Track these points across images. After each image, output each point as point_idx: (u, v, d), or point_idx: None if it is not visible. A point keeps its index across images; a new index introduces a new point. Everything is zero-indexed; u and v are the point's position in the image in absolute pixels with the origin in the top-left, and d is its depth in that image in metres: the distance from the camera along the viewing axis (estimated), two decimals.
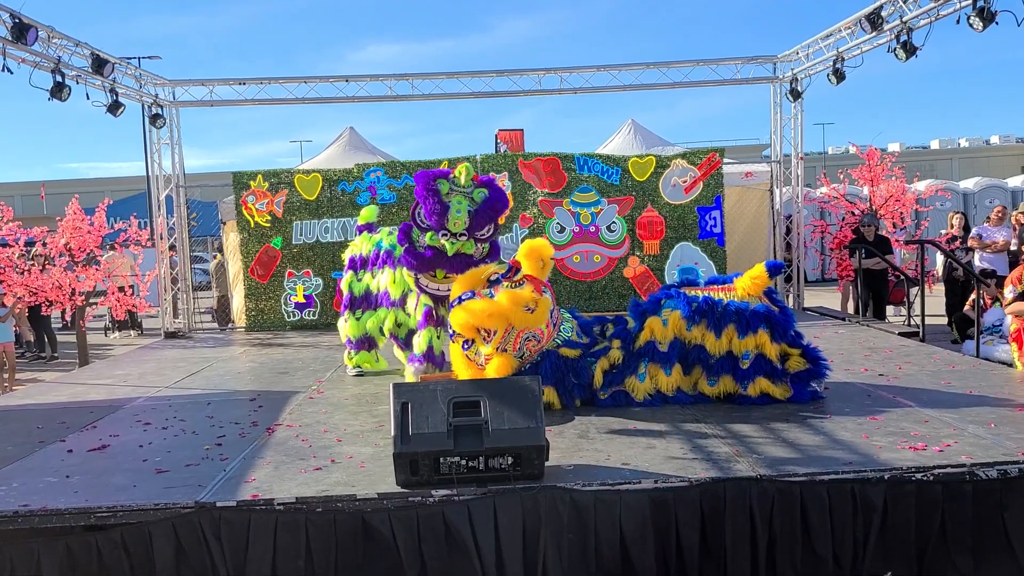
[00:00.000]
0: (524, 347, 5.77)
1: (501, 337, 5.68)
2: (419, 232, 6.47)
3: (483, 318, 5.65)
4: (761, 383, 5.74)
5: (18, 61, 8.46)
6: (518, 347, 5.74)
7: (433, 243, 6.36)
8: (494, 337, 5.69)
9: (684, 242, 11.69)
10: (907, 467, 4.23)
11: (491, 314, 5.62)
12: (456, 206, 6.28)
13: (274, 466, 4.69)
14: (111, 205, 12.09)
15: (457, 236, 6.28)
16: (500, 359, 5.67)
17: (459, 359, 5.93)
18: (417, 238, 6.49)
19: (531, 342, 5.78)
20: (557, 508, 4.08)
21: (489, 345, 5.72)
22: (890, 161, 13.41)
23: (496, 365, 5.65)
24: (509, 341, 5.69)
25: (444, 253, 6.33)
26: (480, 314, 5.65)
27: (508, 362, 5.68)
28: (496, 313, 5.61)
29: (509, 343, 5.69)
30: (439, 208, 6.27)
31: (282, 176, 11.77)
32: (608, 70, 11.90)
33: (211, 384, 7.61)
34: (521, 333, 5.70)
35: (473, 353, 5.82)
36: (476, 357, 5.80)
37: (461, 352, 5.89)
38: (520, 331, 5.68)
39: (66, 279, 10.83)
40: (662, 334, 5.84)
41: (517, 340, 5.71)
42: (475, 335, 5.78)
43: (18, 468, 4.87)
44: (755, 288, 5.90)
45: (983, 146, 49.20)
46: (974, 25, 7.58)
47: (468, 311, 5.70)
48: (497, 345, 5.69)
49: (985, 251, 10.96)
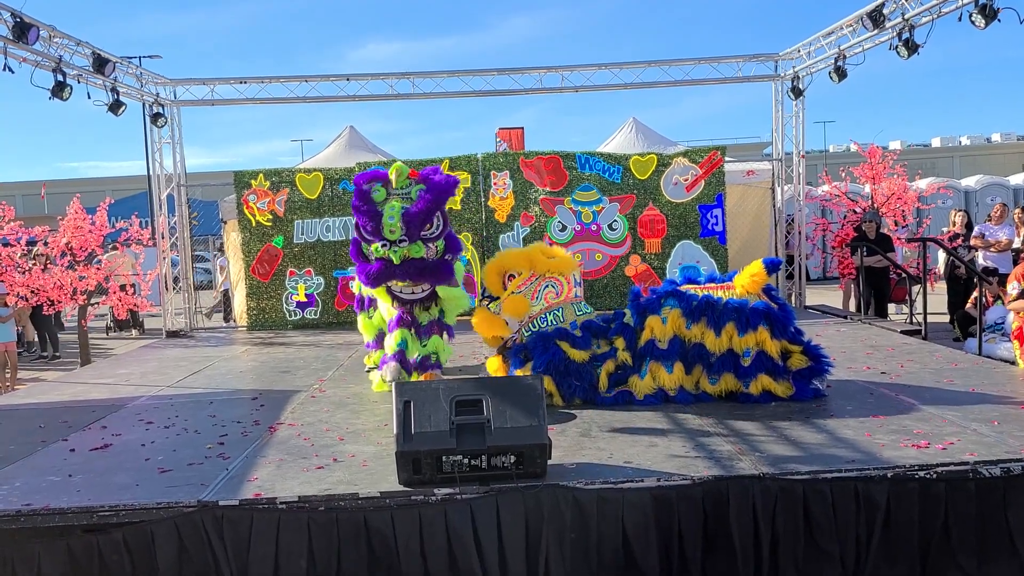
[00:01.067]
0: (543, 295, 6.07)
1: (521, 283, 6.07)
2: (366, 246, 6.24)
3: (509, 258, 6.31)
4: (763, 380, 5.73)
5: (19, 60, 8.47)
6: (537, 294, 6.07)
7: (380, 254, 6.11)
8: (516, 279, 6.12)
9: (686, 240, 11.68)
10: (910, 465, 4.22)
11: (516, 254, 6.39)
12: (388, 211, 6.00)
13: (276, 465, 4.69)
14: (112, 204, 12.09)
15: (397, 243, 6.03)
16: (516, 298, 6.06)
17: (481, 315, 6.25)
18: (367, 251, 6.26)
19: (549, 291, 6.10)
20: (559, 507, 4.08)
21: (507, 289, 6.13)
22: (891, 159, 13.39)
23: (512, 303, 6.06)
24: (530, 288, 6.07)
25: (391, 263, 6.09)
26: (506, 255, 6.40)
27: (523, 302, 6.05)
28: (520, 253, 6.38)
29: (530, 290, 6.06)
30: (374, 217, 6.03)
31: (283, 175, 11.77)
32: (609, 68, 11.90)
33: (213, 383, 7.62)
34: (542, 282, 6.09)
35: (494, 306, 6.17)
36: (495, 308, 6.16)
37: (485, 311, 6.24)
38: (541, 280, 6.10)
39: (67, 278, 10.83)
40: (662, 332, 5.84)
41: (537, 288, 6.08)
42: (500, 289, 6.22)
43: (21, 467, 4.87)
44: (754, 285, 5.90)
45: (984, 144, 49.12)
46: (976, 22, 7.58)
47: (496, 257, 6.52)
48: (517, 287, 6.08)
49: (989, 250, 10.94)
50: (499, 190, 11.65)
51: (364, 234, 6.21)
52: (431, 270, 6.28)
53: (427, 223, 6.15)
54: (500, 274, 6.27)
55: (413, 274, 6.18)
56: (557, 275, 6.16)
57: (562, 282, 6.15)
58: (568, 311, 6.10)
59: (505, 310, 6.09)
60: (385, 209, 6.04)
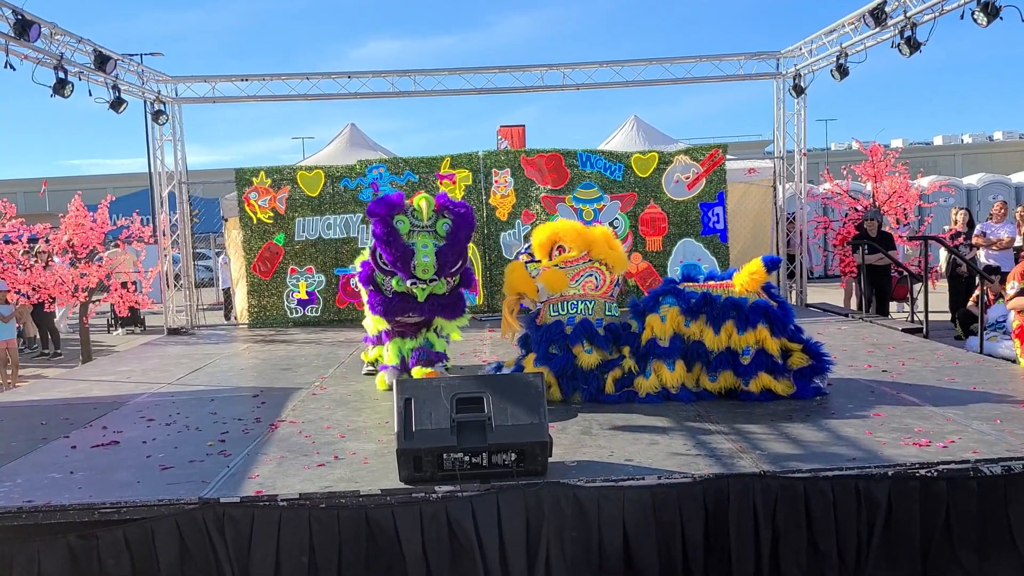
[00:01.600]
0: (583, 282, 5.97)
1: (567, 260, 5.98)
2: (383, 276, 5.98)
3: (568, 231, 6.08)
4: (763, 379, 5.73)
5: (21, 58, 8.46)
6: (579, 277, 5.98)
7: (401, 288, 5.91)
8: (565, 254, 6.02)
9: (687, 238, 11.68)
10: (911, 463, 4.22)
11: (578, 231, 6.09)
12: (422, 250, 5.77)
13: (277, 462, 4.69)
14: (113, 202, 12.11)
15: (428, 282, 5.88)
16: (556, 272, 5.97)
17: (516, 269, 6.12)
18: (382, 281, 6.01)
19: (590, 280, 6.00)
20: (560, 504, 4.08)
21: (554, 259, 6.03)
22: (893, 157, 13.38)
23: (551, 275, 5.98)
24: (574, 269, 5.98)
25: (414, 298, 5.94)
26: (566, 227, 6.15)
27: (562, 277, 5.96)
28: (582, 232, 6.09)
29: (574, 270, 5.98)
30: (403, 253, 5.76)
31: (284, 172, 11.77)
32: (611, 66, 11.88)
33: (214, 380, 7.62)
34: (587, 268, 5.99)
35: (533, 268, 6.08)
36: (533, 271, 6.06)
37: (521, 265, 6.12)
38: (587, 266, 6.00)
39: (69, 275, 10.84)
40: (662, 330, 5.85)
41: (580, 272, 5.98)
42: (545, 254, 6.09)
43: (22, 464, 4.87)
44: (753, 283, 5.90)
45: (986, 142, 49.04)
46: (978, 20, 7.56)
47: (554, 223, 6.28)
48: (563, 263, 5.98)
49: (990, 248, 10.93)
50: (500, 188, 11.64)
51: (385, 265, 5.91)
52: (449, 306, 6.12)
53: (459, 260, 6.03)
54: (552, 242, 6.11)
55: (433, 311, 6.02)
56: (606, 268, 6.09)
57: (607, 277, 6.09)
58: (599, 307, 6.05)
59: (543, 278, 5.99)
60: (417, 247, 5.78)
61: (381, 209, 5.86)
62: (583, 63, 11.90)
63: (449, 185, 11.56)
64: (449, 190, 11.56)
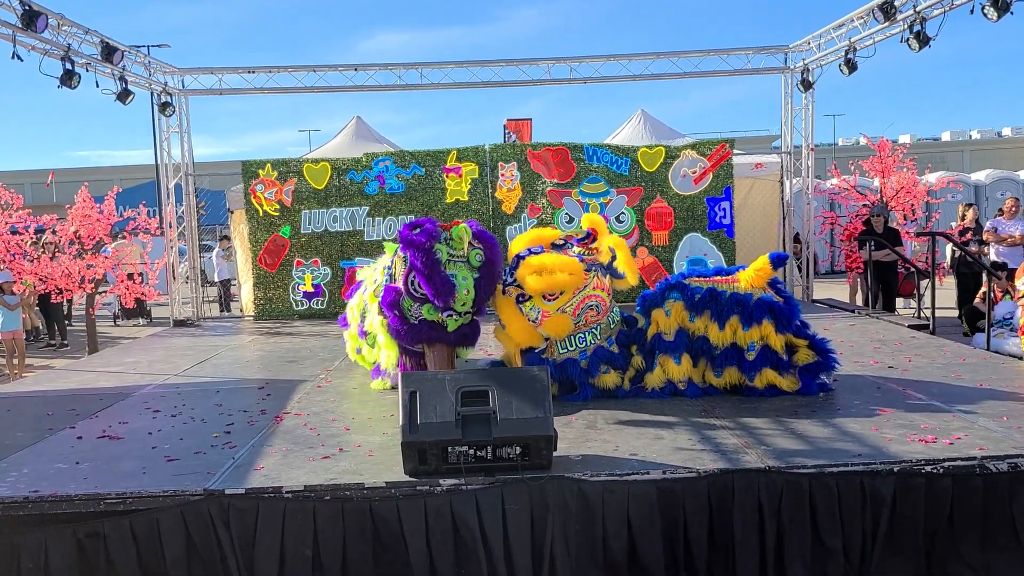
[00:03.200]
0: (584, 315, 5.79)
1: (566, 300, 5.72)
2: (412, 302, 5.73)
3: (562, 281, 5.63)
4: (768, 375, 5.72)
5: (28, 48, 8.47)
6: (578, 313, 5.77)
7: (431, 317, 5.72)
8: (558, 299, 5.71)
9: (693, 233, 11.65)
10: (917, 460, 4.21)
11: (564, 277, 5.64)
12: (463, 284, 5.55)
13: (282, 454, 4.70)
14: (120, 193, 12.13)
15: (463, 314, 5.69)
16: (559, 317, 5.70)
17: (512, 313, 5.81)
18: (409, 308, 5.75)
19: (591, 311, 5.80)
20: (565, 498, 4.08)
21: (551, 303, 5.72)
22: (901, 153, 13.32)
23: (555, 322, 5.69)
24: (572, 304, 5.74)
25: (443, 327, 5.72)
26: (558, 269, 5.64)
27: (566, 322, 5.72)
28: (574, 273, 5.67)
29: (571, 306, 5.74)
30: (445, 286, 5.52)
31: (291, 165, 11.77)
32: (618, 60, 11.86)
33: (220, 372, 7.64)
34: (585, 300, 5.75)
35: (528, 308, 5.76)
36: (530, 312, 5.76)
37: (515, 307, 5.80)
38: (584, 298, 5.74)
39: (75, 267, 10.87)
40: (666, 324, 5.85)
41: (579, 306, 5.75)
42: (539, 297, 5.74)
43: (28, 454, 4.89)
44: (759, 279, 5.87)
45: (995, 138, 48.85)
46: (988, 15, 7.52)
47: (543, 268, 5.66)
48: (559, 307, 5.72)
49: (1001, 245, 10.87)
50: (506, 181, 11.63)
51: (417, 293, 5.67)
52: (470, 335, 5.94)
53: (491, 295, 5.86)
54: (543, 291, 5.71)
55: (458, 340, 5.83)
56: (603, 294, 5.87)
57: (606, 300, 5.90)
58: (605, 327, 5.92)
59: (546, 328, 5.74)
60: (458, 279, 5.55)
61: (421, 239, 5.58)
62: (590, 56, 11.88)
63: (455, 178, 11.56)
64: (455, 183, 11.56)
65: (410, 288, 5.69)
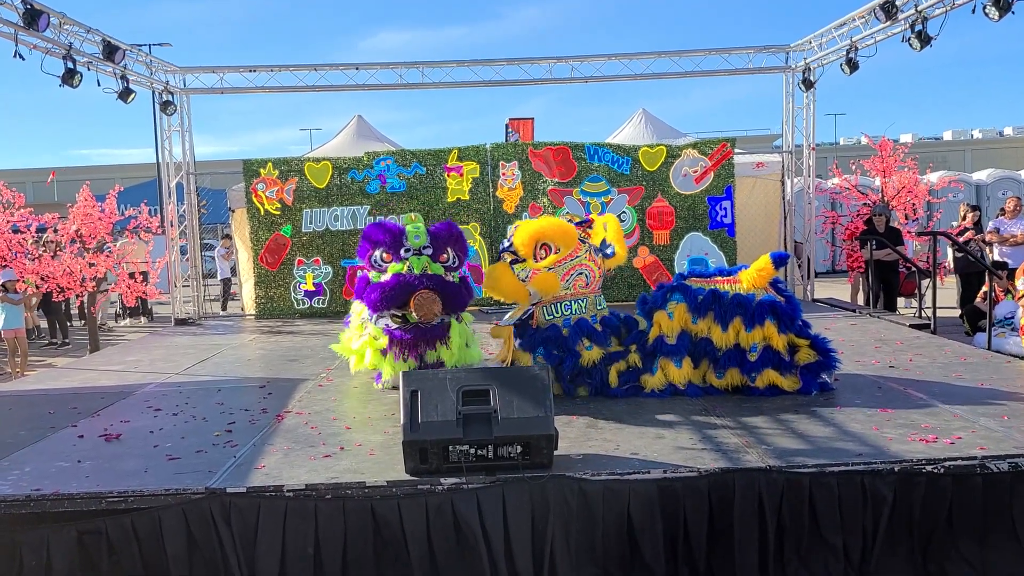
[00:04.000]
0: (572, 282, 5.90)
1: (557, 261, 5.88)
2: (378, 274, 6.10)
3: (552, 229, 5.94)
4: (769, 375, 5.72)
5: (30, 47, 8.49)
6: (567, 279, 5.89)
7: (397, 269, 5.96)
8: (551, 255, 5.90)
9: (694, 232, 11.66)
10: (917, 459, 4.21)
11: (564, 230, 5.95)
12: (413, 225, 6.10)
13: (284, 453, 4.70)
14: (122, 192, 12.12)
15: (421, 250, 5.98)
16: (548, 275, 5.85)
17: (503, 271, 6.00)
18: (378, 278, 6.09)
19: (580, 278, 5.93)
20: (566, 497, 4.09)
21: (541, 263, 5.90)
22: (902, 152, 13.31)
23: (543, 279, 5.84)
24: (563, 268, 5.87)
25: (411, 274, 5.94)
26: (550, 225, 6.00)
27: (554, 280, 5.85)
28: (568, 230, 5.94)
29: (562, 270, 5.88)
30: (394, 227, 6.12)
31: (292, 164, 11.79)
32: (619, 59, 11.87)
33: (221, 371, 7.64)
34: (575, 267, 5.90)
35: (519, 268, 5.94)
36: (520, 272, 5.93)
37: (507, 267, 5.98)
38: (575, 265, 5.90)
39: (77, 265, 10.88)
40: (669, 327, 5.84)
41: (570, 272, 5.89)
42: (529, 254, 5.93)
43: (30, 453, 4.90)
44: (760, 280, 5.87)
45: (996, 137, 48.78)
46: (990, 14, 7.52)
47: (538, 222, 6.11)
48: (549, 266, 5.87)
49: (1004, 244, 10.86)
50: (508, 180, 11.63)
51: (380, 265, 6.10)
52: (452, 291, 6.08)
53: (447, 247, 6.15)
54: (536, 240, 5.94)
55: (436, 286, 5.95)
56: (594, 265, 6.03)
57: (595, 273, 6.03)
58: (591, 303, 6.02)
59: (534, 283, 5.87)
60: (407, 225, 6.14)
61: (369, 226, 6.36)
62: (592, 56, 11.89)
63: (456, 177, 11.56)
64: (456, 182, 11.57)
65: (372, 263, 6.12)
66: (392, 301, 6.02)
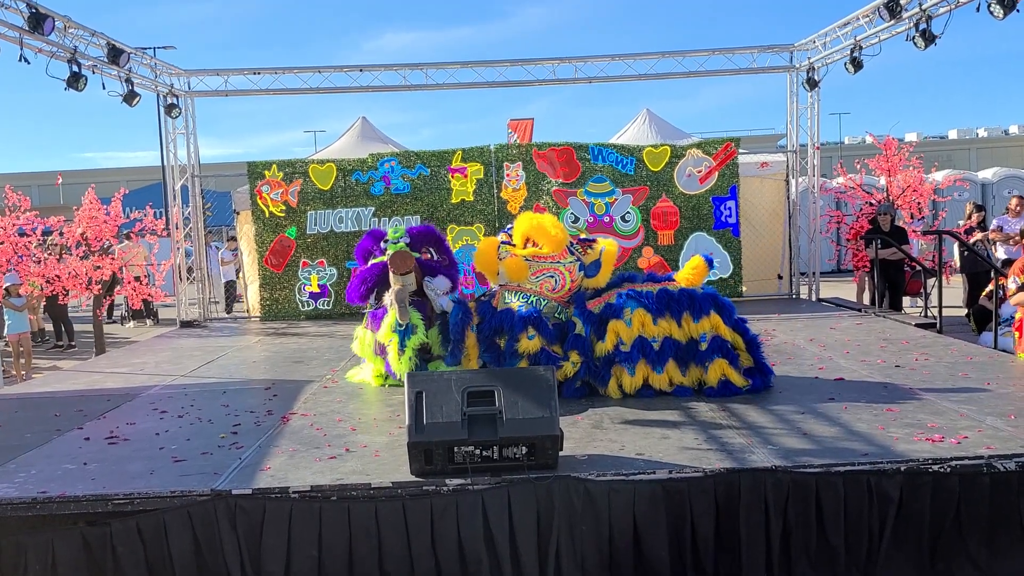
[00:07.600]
0: (541, 281, 6.11)
1: (535, 255, 6.11)
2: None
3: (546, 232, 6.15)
4: (720, 364, 5.80)
5: (35, 51, 8.52)
6: (537, 276, 6.12)
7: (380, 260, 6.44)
8: (531, 248, 6.16)
9: (699, 232, 11.64)
10: (924, 459, 4.20)
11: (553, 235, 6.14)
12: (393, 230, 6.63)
13: (289, 455, 4.71)
14: (127, 195, 12.16)
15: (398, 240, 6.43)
16: (519, 261, 6.12)
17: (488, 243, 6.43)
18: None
19: (549, 280, 6.12)
20: (571, 498, 4.08)
21: (521, 251, 6.16)
22: (907, 151, 13.27)
23: (513, 263, 6.12)
24: (538, 265, 6.11)
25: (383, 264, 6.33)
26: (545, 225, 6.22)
27: (523, 268, 6.10)
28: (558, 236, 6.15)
29: (537, 265, 6.10)
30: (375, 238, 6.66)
31: (296, 166, 11.80)
32: (623, 59, 11.86)
33: (226, 373, 7.66)
34: (550, 269, 6.11)
35: (503, 249, 6.26)
36: (501, 250, 6.26)
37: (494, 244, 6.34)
38: (551, 267, 6.11)
39: (82, 268, 10.91)
40: (628, 335, 5.88)
41: (542, 271, 6.12)
42: (520, 242, 6.25)
43: (36, 455, 4.91)
44: (697, 277, 6.11)
45: (1002, 136, 48.62)
46: (995, 13, 7.49)
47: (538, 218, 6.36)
48: (527, 256, 6.11)
49: (1008, 244, 10.83)
50: (512, 181, 11.63)
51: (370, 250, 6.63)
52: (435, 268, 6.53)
53: (427, 244, 6.63)
54: (526, 234, 6.27)
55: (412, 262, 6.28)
56: (568, 276, 6.16)
57: (566, 283, 6.17)
58: (550, 308, 6.17)
59: (505, 264, 6.18)
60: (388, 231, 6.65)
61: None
62: (595, 56, 11.88)
63: (460, 179, 11.57)
64: (460, 183, 11.58)
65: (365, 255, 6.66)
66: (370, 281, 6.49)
